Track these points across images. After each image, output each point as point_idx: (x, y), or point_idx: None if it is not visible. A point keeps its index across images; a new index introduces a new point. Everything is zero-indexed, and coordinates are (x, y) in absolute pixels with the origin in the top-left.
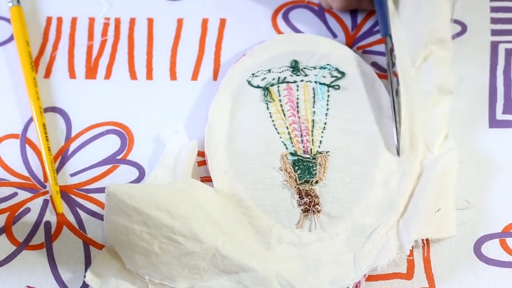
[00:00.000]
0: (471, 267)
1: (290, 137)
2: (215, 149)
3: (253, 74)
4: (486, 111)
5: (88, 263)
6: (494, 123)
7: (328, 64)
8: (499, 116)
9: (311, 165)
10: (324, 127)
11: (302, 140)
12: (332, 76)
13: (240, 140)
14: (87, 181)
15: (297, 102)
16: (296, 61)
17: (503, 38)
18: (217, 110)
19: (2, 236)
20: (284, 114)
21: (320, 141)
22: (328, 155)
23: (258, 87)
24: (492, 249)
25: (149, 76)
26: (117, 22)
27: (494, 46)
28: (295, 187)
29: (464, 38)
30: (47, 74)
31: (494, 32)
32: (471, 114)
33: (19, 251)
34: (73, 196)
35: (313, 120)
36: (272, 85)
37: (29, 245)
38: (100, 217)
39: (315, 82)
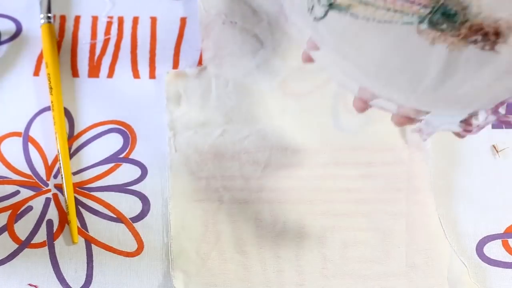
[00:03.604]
0: (473, 267)
1: None
2: None
3: None
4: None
5: (90, 261)
6: (497, 123)
7: None
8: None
9: None
10: None
11: None
12: None
13: None
14: (90, 179)
15: None
16: None
17: None
18: None
19: (4, 234)
20: None
21: None
22: None
23: None
24: (495, 250)
25: (152, 74)
26: (120, 20)
27: None
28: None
29: None
30: None
31: None
32: None
33: (21, 249)
34: (75, 195)
35: None
36: None
37: (31, 244)
38: (101, 215)
39: None
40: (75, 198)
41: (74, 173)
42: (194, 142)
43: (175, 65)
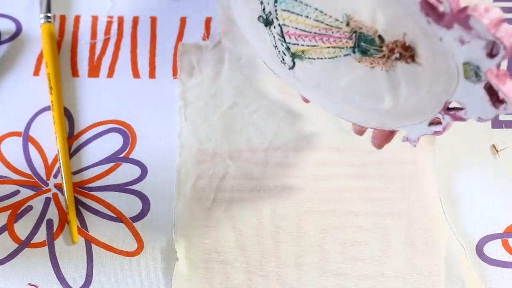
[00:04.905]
0: (473, 267)
1: None
2: None
3: None
4: None
5: (90, 261)
6: (496, 123)
7: None
8: (502, 116)
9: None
10: None
11: None
12: None
13: None
14: (89, 179)
15: None
16: None
17: None
18: None
19: (4, 234)
20: None
21: None
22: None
23: None
24: (494, 249)
25: (152, 74)
26: (120, 20)
27: None
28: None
29: None
30: None
31: None
32: None
33: (21, 249)
34: (75, 194)
35: None
36: None
37: (31, 243)
38: (101, 215)
39: None
40: (75, 198)
41: (74, 173)
42: (204, 113)
43: (175, 65)
